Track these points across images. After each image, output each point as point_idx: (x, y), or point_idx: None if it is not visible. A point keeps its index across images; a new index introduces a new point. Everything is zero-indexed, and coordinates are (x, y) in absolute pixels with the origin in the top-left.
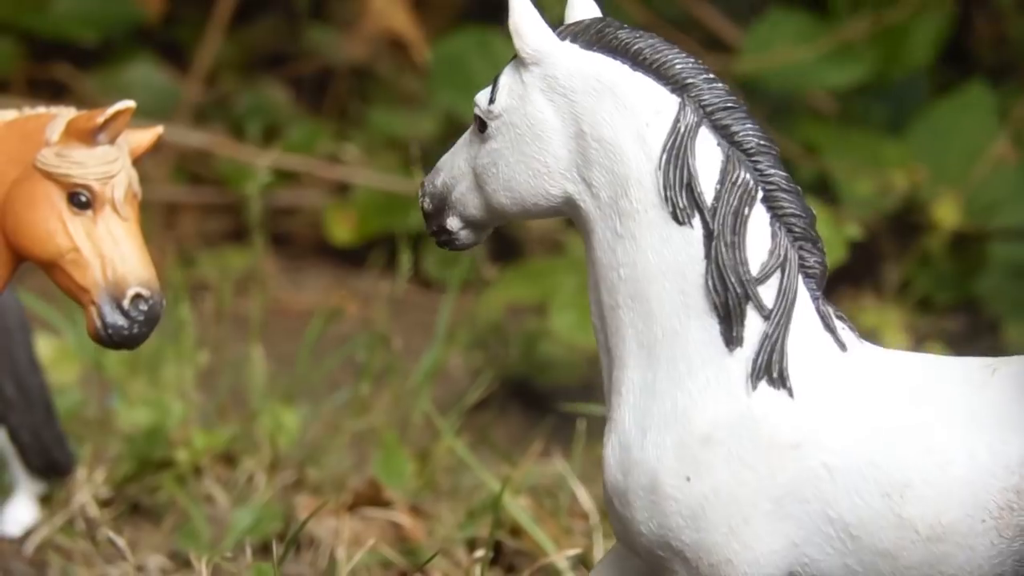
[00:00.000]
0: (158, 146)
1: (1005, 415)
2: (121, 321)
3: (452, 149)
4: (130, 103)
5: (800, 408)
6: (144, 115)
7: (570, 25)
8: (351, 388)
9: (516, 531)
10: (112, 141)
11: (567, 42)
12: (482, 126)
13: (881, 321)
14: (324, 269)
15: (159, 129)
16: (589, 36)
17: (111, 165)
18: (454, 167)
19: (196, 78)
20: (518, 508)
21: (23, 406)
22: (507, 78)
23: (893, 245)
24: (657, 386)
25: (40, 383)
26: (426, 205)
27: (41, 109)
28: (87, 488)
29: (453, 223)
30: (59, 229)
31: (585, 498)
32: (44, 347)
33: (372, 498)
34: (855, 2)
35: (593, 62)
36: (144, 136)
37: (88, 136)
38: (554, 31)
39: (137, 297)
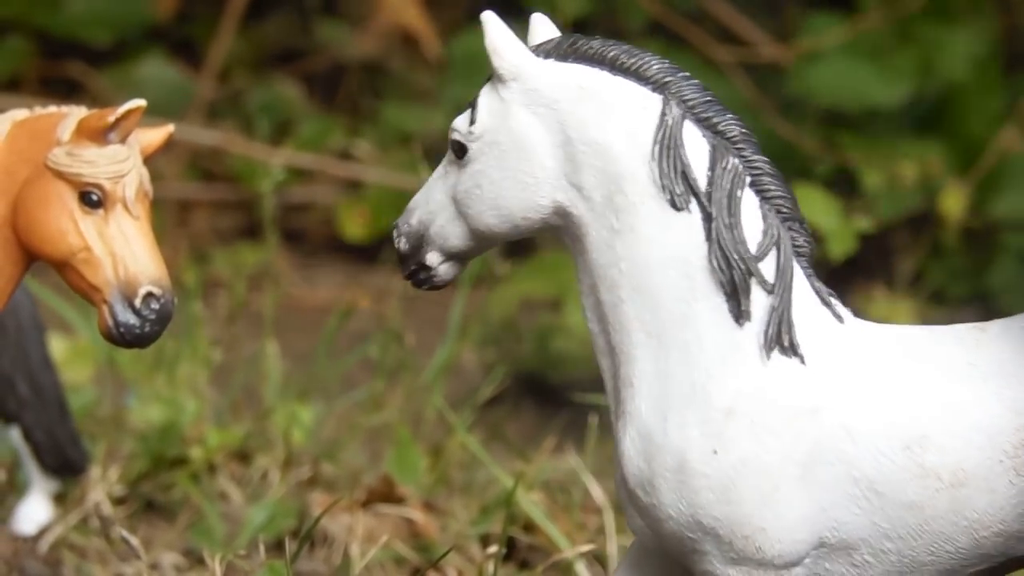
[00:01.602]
0: (170, 143)
1: (1004, 367)
2: (133, 320)
3: (423, 187)
4: (140, 102)
5: (813, 374)
6: (156, 112)
7: (540, 44)
8: (365, 384)
9: (529, 527)
10: (123, 140)
11: (541, 58)
12: (460, 151)
13: (891, 312)
14: (337, 265)
15: (170, 128)
16: (563, 50)
17: (122, 164)
18: (430, 201)
19: (208, 75)
20: (531, 504)
21: (37, 405)
22: (485, 99)
23: (906, 237)
24: (671, 370)
25: (54, 381)
26: (402, 245)
27: (52, 108)
28: (101, 486)
29: (433, 258)
30: (71, 228)
31: (598, 493)
32: (58, 345)
33: (386, 494)
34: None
35: (573, 71)
36: (155, 135)
37: (99, 135)
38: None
39: (149, 296)
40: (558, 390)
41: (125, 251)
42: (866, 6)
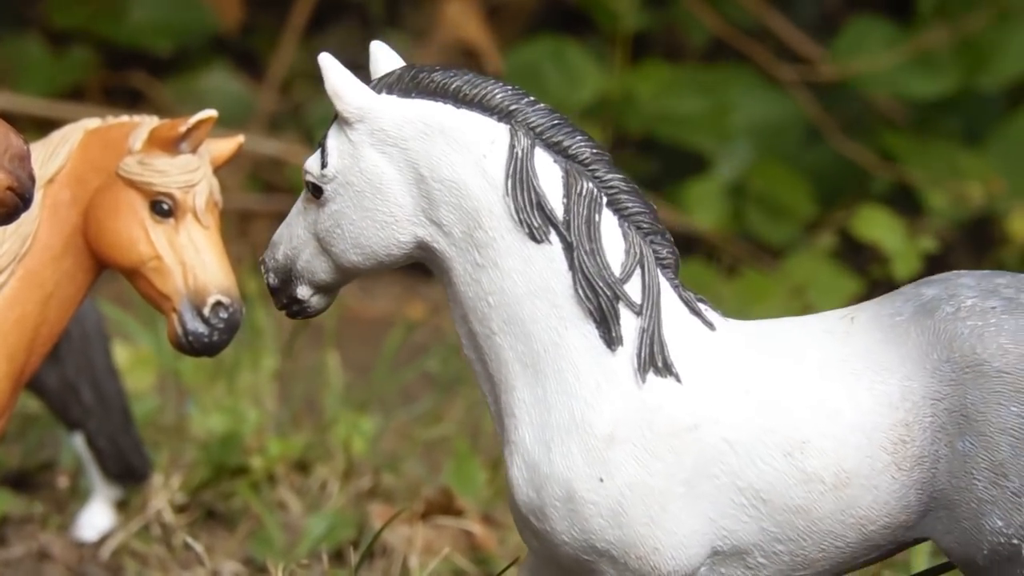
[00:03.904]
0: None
1: (874, 358)
2: (202, 328)
3: (286, 221)
4: (212, 112)
5: (690, 391)
6: (218, 123)
7: (382, 79)
8: (423, 397)
9: None
10: (194, 150)
11: (384, 95)
12: (317, 192)
13: None
14: (395, 278)
15: (240, 139)
16: (404, 84)
17: (193, 174)
18: (293, 237)
19: (270, 87)
20: None
21: (101, 412)
22: (334, 140)
23: (968, 257)
24: (550, 400)
25: (118, 389)
26: (271, 280)
27: (124, 118)
28: (163, 494)
29: (303, 292)
30: (141, 237)
31: None
32: (120, 353)
33: (445, 507)
34: (940, 9)
35: (417, 108)
36: (225, 145)
37: (170, 145)
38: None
39: (218, 305)
40: None
41: (195, 260)
42: (924, 19)
